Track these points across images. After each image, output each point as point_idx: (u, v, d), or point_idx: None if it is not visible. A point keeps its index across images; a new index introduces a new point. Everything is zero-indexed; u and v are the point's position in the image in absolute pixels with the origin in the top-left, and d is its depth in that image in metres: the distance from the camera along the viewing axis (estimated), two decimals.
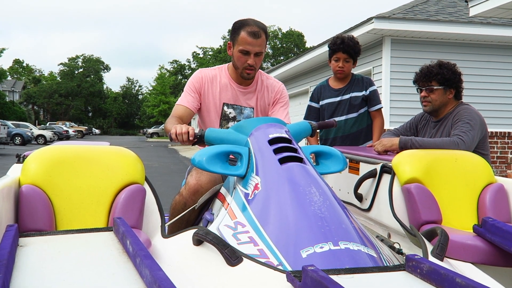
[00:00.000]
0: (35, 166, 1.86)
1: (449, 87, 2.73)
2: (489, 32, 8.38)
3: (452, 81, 2.73)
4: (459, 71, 2.79)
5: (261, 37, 2.39)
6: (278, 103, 2.64)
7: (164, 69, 56.47)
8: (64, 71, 70.25)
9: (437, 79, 2.72)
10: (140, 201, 1.90)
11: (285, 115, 2.62)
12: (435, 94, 2.73)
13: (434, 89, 2.73)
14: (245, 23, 2.41)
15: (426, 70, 2.77)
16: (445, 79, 2.71)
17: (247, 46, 2.38)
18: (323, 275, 0.99)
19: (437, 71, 2.72)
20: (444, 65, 2.75)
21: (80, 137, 41.29)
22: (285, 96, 2.68)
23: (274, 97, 2.64)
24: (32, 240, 1.40)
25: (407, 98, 8.57)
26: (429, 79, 2.74)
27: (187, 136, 2.07)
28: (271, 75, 2.78)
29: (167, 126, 2.38)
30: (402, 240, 1.99)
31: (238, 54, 2.43)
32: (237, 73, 2.53)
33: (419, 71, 2.84)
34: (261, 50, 2.43)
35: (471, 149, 2.51)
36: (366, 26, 8.30)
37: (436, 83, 2.73)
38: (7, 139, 21.92)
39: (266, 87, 2.63)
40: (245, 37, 2.37)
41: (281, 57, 55.70)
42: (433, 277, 1.10)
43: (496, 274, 1.69)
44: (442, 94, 2.73)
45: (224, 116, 2.59)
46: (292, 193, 1.45)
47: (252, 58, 2.42)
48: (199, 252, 1.38)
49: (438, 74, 2.71)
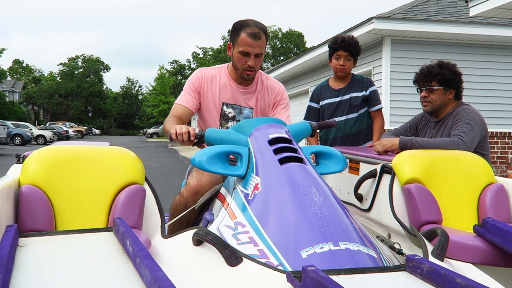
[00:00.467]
0: (35, 166, 1.86)
1: (449, 87, 2.73)
2: (489, 32, 8.39)
3: (452, 81, 2.72)
4: (459, 71, 2.79)
5: (261, 38, 2.38)
6: (279, 105, 2.64)
7: (164, 69, 56.50)
8: (64, 71, 70.24)
9: (437, 79, 2.72)
10: (140, 201, 1.90)
11: (286, 117, 2.61)
12: (435, 94, 2.73)
13: (434, 89, 2.73)
14: (245, 24, 2.40)
15: (426, 70, 2.76)
16: (445, 79, 2.71)
17: (247, 47, 2.38)
18: (323, 276, 0.99)
19: (437, 71, 2.72)
20: (444, 65, 2.75)
21: (80, 137, 41.29)
22: (286, 98, 2.68)
23: (274, 98, 2.64)
24: (32, 240, 1.40)
25: (407, 98, 8.57)
26: (429, 79, 2.74)
27: (188, 136, 2.07)
28: (271, 76, 2.78)
29: (166, 125, 2.37)
30: (402, 240, 1.99)
31: (238, 55, 2.42)
32: (237, 73, 2.52)
33: (419, 71, 2.84)
34: (261, 51, 2.42)
35: (471, 149, 2.50)
36: (366, 26, 8.30)
37: (436, 83, 2.72)
38: (7, 139, 21.92)
39: (266, 88, 2.63)
40: (245, 38, 2.37)
41: (281, 57, 55.71)
42: (434, 278, 1.10)
43: (496, 274, 1.69)
44: (442, 94, 2.73)
45: (223, 116, 2.58)
46: (292, 193, 1.45)
47: (252, 60, 2.41)
48: (199, 253, 1.38)
49: (438, 74, 2.71)
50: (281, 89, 2.68)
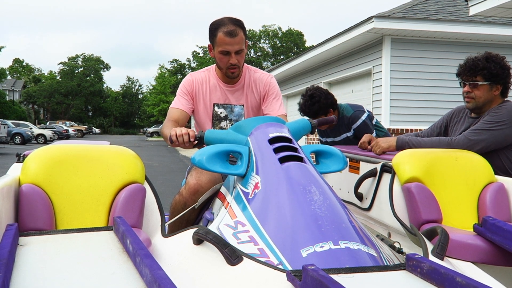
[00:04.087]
0: (35, 165, 1.86)
1: (495, 83, 2.47)
2: (489, 31, 8.37)
3: (499, 77, 2.46)
4: (508, 65, 2.51)
5: (238, 35, 2.36)
6: (270, 95, 2.60)
7: (164, 69, 56.48)
8: (64, 70, 70.20)
9: (483, 73, 2.46)
10: (140, 200, 1.90)
11: (279, 106, 2.58)
12: (480, 90, 2.48)
13: (478, 85, 2.47)
14: (221, 23, 2.38)
15: (472, 63, 2.50)
16: (491, 74, 2.45)
17: (226, 46, 2.36)
18: (323, 275, 0.99)
19: (483, 65, 2.45)
20: (492, 58, 2.48)
21: (80, 137, 41.29)
22: (275, 87, 2.64)
23: (263, 90, 2.61)
24: (32, 239, 1.40)
25: (407, 98, 8.58)
26: (474, 73, 2.48)
27: (188, 137, 2.07)
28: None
29: (163, 130, 2.37)
30: (402, 239, 1.99)
31: (219, 55, 2.42)
32: (222, 73, 2.52)
33: (463, 63, 2.56)
34: (241, 48, 2.40)
35: (478, 150, 2.40)
36: (366, 26, 8.29)
37: (481, 78, 2.46)
38: (7, 139, 21.92)
39: (253, 81, 2.61)
40: (222, 37, 2.35)
41: (281, 57, 55.67)
42: (434, 277, 1.10)
43: (496, 273, 1.69)
44: (487, 91, 2.47)
45: (215, 117, 2.59)
46: (292, 192, 1.45)
47: (234, 57, 2.40)
48: (199, 252, 1.38)
49: (484, 69, 2.45)
50: (269, 79, 2.63)
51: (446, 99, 8.18)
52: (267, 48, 59.58)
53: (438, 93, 8.43)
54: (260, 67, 46.29)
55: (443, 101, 8.24)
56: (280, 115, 2.49)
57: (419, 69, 8.55)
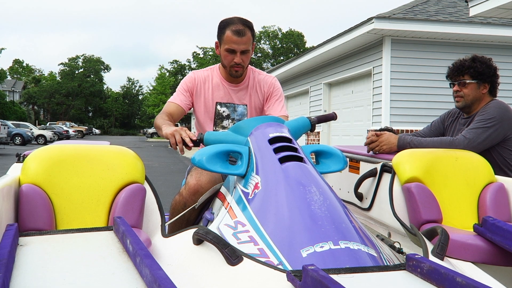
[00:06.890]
0: (35, 165, 1.85)
1: (482, 81, 2.60)
2: (489, 32, 8.38)
3: (486, 75, 2.60)
4: (494, 66, 2.65)
5: (246, 35, 2.38)
6: (273, 97, 2.64)
7: (164, 69, 56.47)
8: (65, 71, 70.25)
9: (469, 72, 2.60)
10: (140, 200, 1.90)
11: (281, 107, 2.62)
12: (468, 89, 2.61)
13: (466, 83, 2.60)
14: (230, 21, 2.41)
15: (459, 64, 2.65)
16: (478, 72, 2.59)
17: (233, 44, 2.39)
18: (323, 275, 0.99)
19: (469, 65, 2.60)
20: (478, 59, 2.63)
21: (80, 137, 41.30)
22: (278, 89, 2.68)
23: (267, 91, 2.65)
24: (32, 239, 1.40)
25: (407, 98, 8.58)
26: (461, 72, 2.62)
27: (188, 139, 2.07)
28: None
29: (157, 121, 2.39)
30: (403, 239, 1.99)
31: (225, 53, 2.44)
32: (226, 71, 2.54)
33: (451, 65, 2.71)
34: (247, 48, 2.42)
35: (476, 149, 2.43)
36: (366, 26, 8.30)
37: (468, 77, 2.61)
38: (7, 139, 21.94)
39: (258, 82, 2.64)
40: (230, 36, 2.38)
41: (281, 57, 55.67)
42: (434, 277, 1.09)
43: (496, 273, 1.69)
44: (475, 89, 2.61)
45: (218, 115, 2.60)
46: (292, 192, 1.45)
47: (239, 56, 2.42)
48: (199, 252, 1.38)
49: (470, 68, 2.59)
50: (273, 81, 2.68)
51: (446, 100, 8.15)
52: (267, 49, 59.58)
53: (438, 93, 8.43)
54: (260, 68, 46.31)
55: (443, 101, 8.23)
56: (281, 116, 2.50)
57: (419, 70, 8.55)
